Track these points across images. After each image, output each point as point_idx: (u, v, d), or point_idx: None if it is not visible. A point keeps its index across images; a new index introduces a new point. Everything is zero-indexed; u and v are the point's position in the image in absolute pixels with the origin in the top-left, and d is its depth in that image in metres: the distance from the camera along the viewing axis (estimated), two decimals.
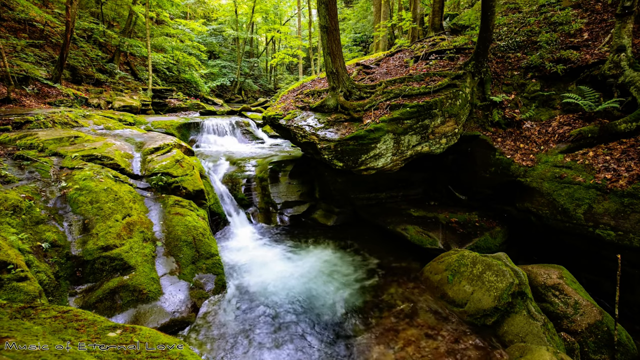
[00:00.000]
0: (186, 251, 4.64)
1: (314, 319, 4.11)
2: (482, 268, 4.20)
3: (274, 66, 30.86)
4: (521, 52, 7.16)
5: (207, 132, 11.48)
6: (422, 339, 3.73)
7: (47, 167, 4.73)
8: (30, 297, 3.03)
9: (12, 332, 1.81)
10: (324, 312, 4.23)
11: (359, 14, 25.63)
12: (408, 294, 4.63)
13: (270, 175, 7.66)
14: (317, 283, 4.88)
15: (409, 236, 5.78)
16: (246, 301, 4.45)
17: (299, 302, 4.43)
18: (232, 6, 26.02)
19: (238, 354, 3.53)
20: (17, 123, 6.67)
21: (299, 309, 4.29)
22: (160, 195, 5.29)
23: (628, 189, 4.27)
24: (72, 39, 12.45)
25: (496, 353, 3.53)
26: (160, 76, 18.84)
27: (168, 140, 6.57)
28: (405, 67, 7.54)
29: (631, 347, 3.57)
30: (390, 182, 7.33)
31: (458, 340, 3.69)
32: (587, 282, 4.68)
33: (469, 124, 6.53)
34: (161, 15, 17.08)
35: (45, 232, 3.78)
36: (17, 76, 9.59)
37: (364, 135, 5.50)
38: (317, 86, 8.04)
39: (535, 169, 5.35)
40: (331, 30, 6.16)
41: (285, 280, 4.94)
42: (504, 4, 9.25)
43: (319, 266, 5.38)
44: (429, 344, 3.64)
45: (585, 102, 5.44)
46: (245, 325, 3.98)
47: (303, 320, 4.07)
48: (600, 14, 7.02)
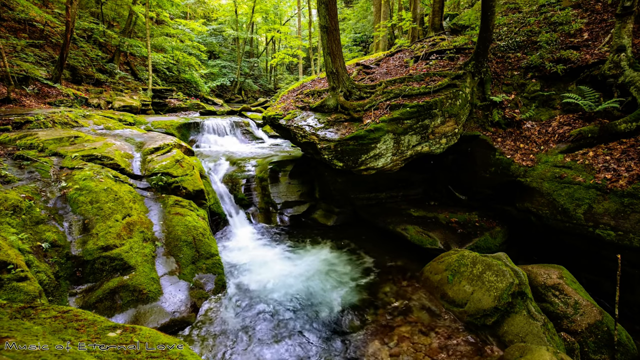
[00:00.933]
0: (186, 251, 4.64)
1: (312, 315, 4.19)
2: (482, 268, 4.20)
3: (274, 66, 30.87)
4: (521, 52, 7.16)
5: (207, 132, 11.48)
6: (416, 335, 3.83)
7: (47, 167, 4.73)
8: (30, 297, 3.03)
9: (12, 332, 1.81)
10: (321, 310, 4.30)
11: (359, 14, 25.63)
12: (403, 292, 4.70)
13: (270, 175, 7.66)
14: (316, 281, 4.92)
15: (409, 236, 5.78)
16: (246, 299, 4.49)
17: (297, 299, 4.50)
18: (232, 6, 26.02)
19: (239, 350, 3.61)
20: (17, 123, 6.67)
21: (297, 306, 4.36)
22: (160, 195, 5.29)
23: (628, 189, 4.27)
24: (72, 39, 12.45)
25: (487, 348, 3.60)
26: (160, 76, 18.84)
27: (168, 140, 6.57)
28: (405, 67, 7.54)
29: (631, 347, 3.56)
30: (390, 182, 7.33)
31: (451, 337, 3.79)
32: (587, 282, 4.68)
33: (469, 124, 6.53)
34: (161, 15, 17.08)
35: (45, 232, 3.78)
36: (17, 76, 9.59)
37: (364, 135, 5.50)
38: (317, 86, 8.04)
39: (535, 169, 5.35)
40: (331, 30, 6.16)
41: (285, 279, 4.98)
42: (504, 4, 9.25)
43: (319, 265, 5.41)
44: (422, 340, 3.75)
45: (585, 102, 5.44)
46: (245, 322, 4.05)
47: (301, 317, 4.15)
48: (600, 14, 7.02)
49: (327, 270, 5.26)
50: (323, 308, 4.33)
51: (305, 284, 4.86)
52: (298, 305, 4.37)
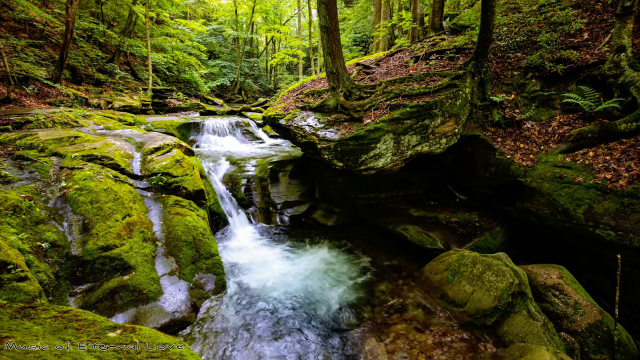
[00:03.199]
0: (186, 251, 4.64)
1: (310, 313, 4.24)
2: (482, 268, 4.20)
3: (274, 66, 30.87)
4: (521, 52, 7.16)
5: (207, 132, 11.48)
6: (412, 332, 3.88)
7: (47, 167, 4.73)
8: (30, 297, 3.03)
9: (12, 332, 1.81)
10: (320, 308, 4.36)
11: (359, 14, 25.63)
12: (399, 291, 4.73)
13: (270, 175, 7.66)
14: (315, 280, 4.96)
15: (409, 236, 5.78)
16: (246, 298, 4.53)
17: (296, 298, 4.54)
18: (232, 6, 26.02)
19: (239, 347, 3.66)
20: (17, 123, 6.67)
21: (296, 304, 4.41)
22: (160, 195, 5.29)
23: (628, 189, 4.27)
24: (72, 39, 12.45)
25: (481, 345, 3.63)
26: (160, 76, 18.84)
27: (168, 140, 6.57)
28: (405, 67, 7.54)
29: (631, 347, 3.56)
30: (390, 182, 7.33)
31: (446, 334, 3.83)
32: (587, 282, 4.68)
33: (469, 124, 6.53)
34: (161, 15, 17.08)
35: (45, 232, 3.78)
36: (17, 76, 9.59)
37: (364, 135, 5.50)
38: (317, 86, 8.04)
39: (535, 169, 5.35)
40: (331, 30, 6.16)
41: (284, 278, 5.01)
42: (504, 4, 9.25)
43: (318, 265, 5.43)
44: (417, 337, 3.80)
45: (585, 102, 5.44)
46: (245, 320, 4.09)
47: (300, 315, 4.20)
48: (600, 14, 7.01)
49: (325, 270, 5.28)
50: (321, 306, 4.39)
51: (304, 282, 4.89)
52: (297, 304, 4.42)
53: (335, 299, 4.53)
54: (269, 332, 3.87)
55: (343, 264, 5.51)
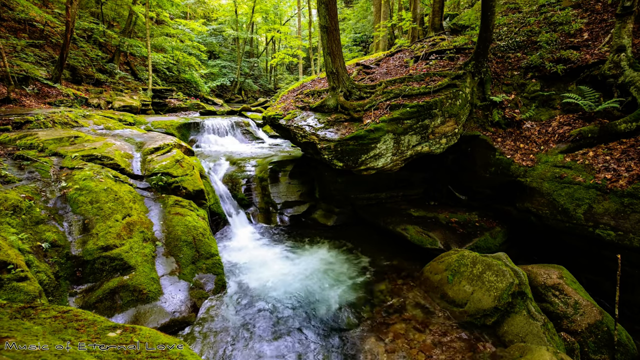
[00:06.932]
0: (186, 251, 4.64)
1: (310, 313, 4.25)
2: (482, 268, 4.20)
3: (274, 66, 30.86)
4: (521, 52, 7.16)
5: (207, 132, 11.48)
6: (411, 331, 3.89)
7: (47, 167, 4.73)
8: (30, 297, 3.03)
9: (12, 332, 1.81)
10: (319, 307, 4.36)
11: (359, 14, 25.62)
12: (399, 290, 4.73)
13: (270, 175, 7.66)
14: (315, 280, 4.96)
15: (409, 236, 5.78)
16: (246, 298, 4.53)
17: (296, 298, 4.55)
18: (232, 6, 26.02)
19: (239, 347, 3.66)
20: (17, 123, 6.67)
21: (296, 304, 4.42)
22: (160, 195, 5.29)
23: (628, 189, 4.27)
24: (72, 39, 12.45)
25: (480, 345, 3.64)
26: (160, 76, 18.84)
27: (168, 140, 6.57)
28: (405, 67, 7.54)
29: (631, 347, 3.56)
30: (390, 182, 7.33)
31: (445, 334, 3.84)
32: (587, 282, 4.68)
33: (469, 124, 6.53)
34: (161, 15, 17.08)
35: (45, 232, 3.78)
36: (17, 76, 9.59)
37: (364, 135, 5.50)
38: (317, 86, 8.04)
39: (535, 169, 5.35)
40: (331, 30, 6.16)
41: (284, 278, 5.02)
42: (504, 4, 9.25)
43: (318, 265, 5.43)
44: (417, 337, 3.81)
45: (585, 102, 5.44)
46: (245, 320, 4.10)
47: (300, 315, 4.21)
48: (600, 14, 7.01)
49: (325, 269, 5.28)
50: (321, 306, 4.39)
51: (304, 282, 4.90)
52: (297, 303, 4.42)
53: (335, 299, 4.53)
54: (269, 332, 3.88)
55: (343, 263, 5.51)
